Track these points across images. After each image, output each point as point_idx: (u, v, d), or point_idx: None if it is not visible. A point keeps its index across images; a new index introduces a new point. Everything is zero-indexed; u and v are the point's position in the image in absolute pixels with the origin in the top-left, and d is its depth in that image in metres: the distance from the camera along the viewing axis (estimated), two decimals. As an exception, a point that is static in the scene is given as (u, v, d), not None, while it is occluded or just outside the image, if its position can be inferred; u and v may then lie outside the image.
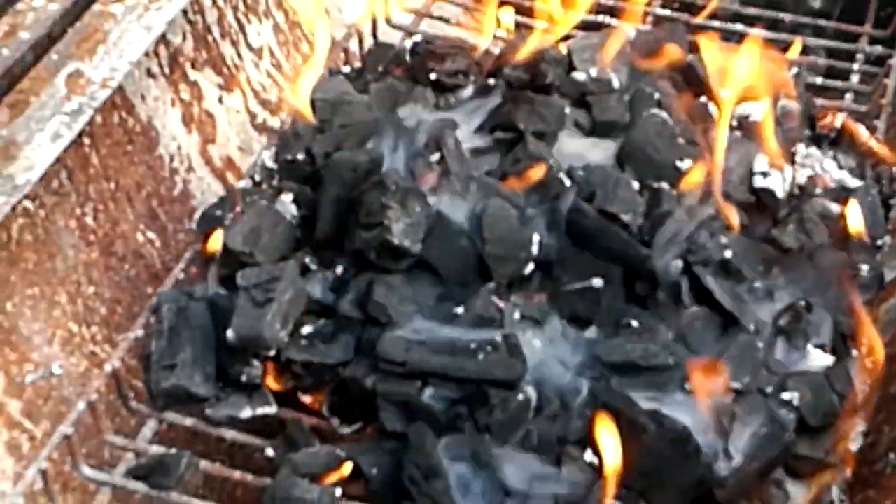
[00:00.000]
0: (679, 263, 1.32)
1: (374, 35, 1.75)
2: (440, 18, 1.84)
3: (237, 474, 1.27)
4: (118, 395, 1.32)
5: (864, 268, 1.40)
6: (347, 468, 1.23)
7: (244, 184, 1.49)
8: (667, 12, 1.86)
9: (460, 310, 1.28)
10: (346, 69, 1.65)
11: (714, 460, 1.21)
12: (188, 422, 1.31)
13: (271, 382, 1.31)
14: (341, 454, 1.24)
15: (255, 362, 1.29)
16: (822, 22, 1.90)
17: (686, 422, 1.21)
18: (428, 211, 1.32)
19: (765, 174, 1.41)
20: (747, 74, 1.49)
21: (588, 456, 1.21)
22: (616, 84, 1.47)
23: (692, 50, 1.56)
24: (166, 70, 1.65)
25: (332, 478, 1.22)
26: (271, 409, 1.30)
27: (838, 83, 1.75)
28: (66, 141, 1.41)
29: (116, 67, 1.50)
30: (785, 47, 1.71)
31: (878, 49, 1.83)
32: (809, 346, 1.31)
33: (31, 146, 1.39)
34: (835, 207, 1.44)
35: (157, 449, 1.29)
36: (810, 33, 1.88)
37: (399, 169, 1.36)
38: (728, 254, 1.34)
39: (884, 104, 1.69)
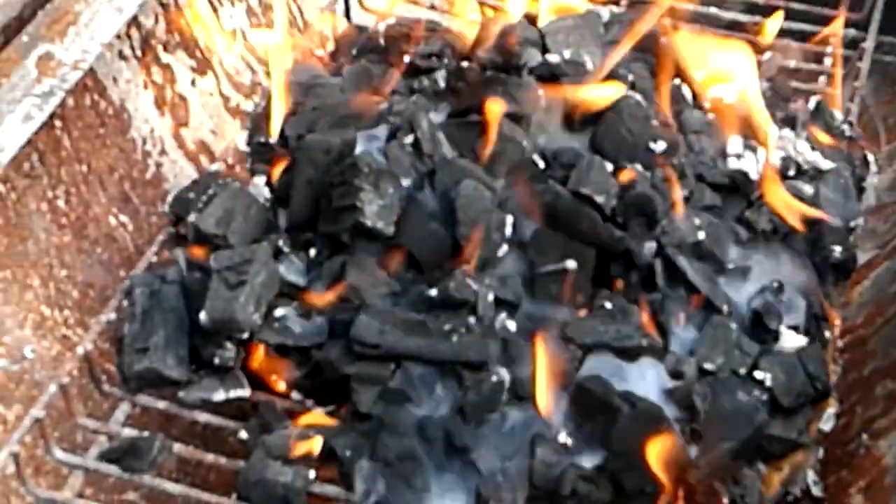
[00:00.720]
0: (653, 245, 1.32)
1: (348, 17, 1.74)
2: (414, 1, 1.84)
3: (210, 457, 1.27)
4: (90, 379, 1.31)
5: (837, 250, 1.40)
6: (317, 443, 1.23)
7: (217, 167, 1.48)
8: (641, -6, 1.86)
9: (434, 292, 1.28)
10: (320, 52, 1.65)
11: (686, 441, 1.21)
12: (161, 405, 1.31)
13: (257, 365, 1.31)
14: (315, 436, 1.24)
15: (229, 345, 1.29)
16: (797, 5, 1.90)
17: (658, 403, 1.22)
18: (401, 193, 1.32)
19: (738, 156, 1.41)
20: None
21: (562, 437, 1.21)
22: (590, 66, 1.47)
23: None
24: (138, 53, 1.65)
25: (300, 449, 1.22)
26: (244, 392, 1.30)
27: (812, 66, 1.74)
28: (38, 123, 1.40)
29: (88, 49, 1.49)
30: (759, 30, 1.71)
31: (852, 32, 1.83)
32: (782, 328, 1.31)
33: (2, 128, 1.38)
34: (808, 189, 1.44)
35: (129, 432, 1.28)
36: (785, 16, 1.87)
37: (372, 151, 1.36)
38: (701, 235, 1.34)
39: (857, 87, 1.69)
